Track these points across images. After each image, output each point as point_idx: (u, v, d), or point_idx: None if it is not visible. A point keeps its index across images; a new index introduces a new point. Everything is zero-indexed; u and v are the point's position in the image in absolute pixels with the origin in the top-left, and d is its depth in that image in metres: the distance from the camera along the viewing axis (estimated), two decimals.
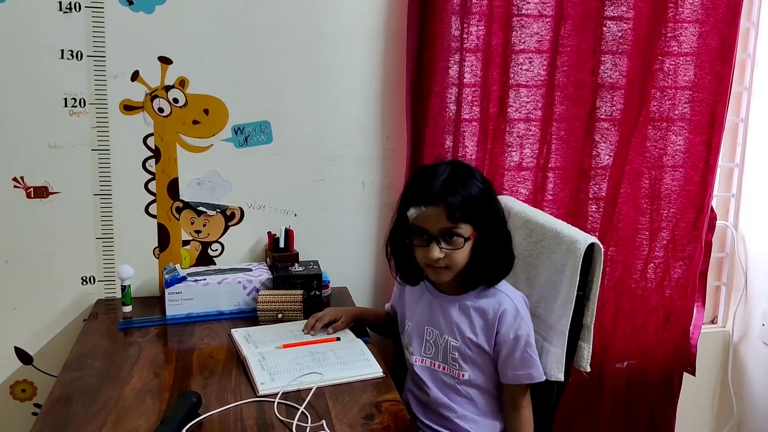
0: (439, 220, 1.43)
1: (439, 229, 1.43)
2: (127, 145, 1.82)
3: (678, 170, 2.10)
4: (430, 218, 1.43)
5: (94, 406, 1.30)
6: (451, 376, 1.53)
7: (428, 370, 1.55)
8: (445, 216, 1.42)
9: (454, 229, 1.43)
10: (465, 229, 1.43)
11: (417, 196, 1.46)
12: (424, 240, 1.45)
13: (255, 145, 1.89)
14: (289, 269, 1.82)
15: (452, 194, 1.43)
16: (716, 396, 2.41)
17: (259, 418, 1.27)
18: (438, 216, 1.42)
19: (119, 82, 1.79)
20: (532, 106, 1.99)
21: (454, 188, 1.44)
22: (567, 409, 2.05)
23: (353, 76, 1.92)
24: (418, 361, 1.56)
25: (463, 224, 1.43)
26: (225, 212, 1.92)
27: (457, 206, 1.42)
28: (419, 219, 1.45)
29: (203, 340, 1.63)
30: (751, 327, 2.28)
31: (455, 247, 1.44)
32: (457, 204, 1.42)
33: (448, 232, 1.43)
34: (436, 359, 1.55)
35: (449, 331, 1.52)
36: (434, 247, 1.43)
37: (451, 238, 1.44)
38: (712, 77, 2.04)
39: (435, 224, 1.43)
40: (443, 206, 1.42)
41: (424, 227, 1.44)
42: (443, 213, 1.42)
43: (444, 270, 1.47)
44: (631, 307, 2.15)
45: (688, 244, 2.14)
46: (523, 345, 1.48)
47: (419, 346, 1.57)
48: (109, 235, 1.85)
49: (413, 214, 1.45)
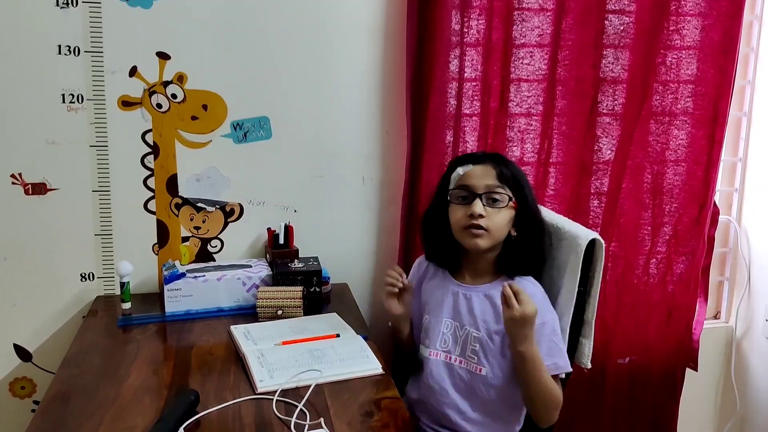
0: (486, 177, 1.48)
1: (485, 185, 1.47)
2: (125, 141, 1.81)
3: (680, 165, 2.09)
4: (478, 175, 1.49)
5: (91, 404, 1.29)
6: (468, 370, 1.50)
7: (444, 364, 1.53)
8: (493, 174, 1.48)
9: (499, 189, 1.47)
10: (509, 193, 1.48)
11: (467, 158, 1.53)
12: (466, 201, 1.48)
13: (254, 140, 1.88)
14: (288, 266, 1.81)
15: (500, 162, 1.51)
16: (719, 391, 2.40)
17: (257, 415, 1.26)
18: (486, 173, 1.48)
19: (117, 78, 1.78)
20: (533, 100, 1.97)
21: (500, 158, 1.53)
22: (569, 406, 2.02)
23: (353, 71, 1.91)
24: (433, 355, 1.54)
25: (507, 188, 1.48)
26: (224, 208, 1.91)
27: (506, 171, 1.49)
28: (467, 177, 1.49)
29: (202, 337, 1.62)
30: (754, 322, 2.27)
31: (497, 207, 1.47)
32: (507, 169, 1.49)
33: (493, 191, 1.47)
34: (453, 353, 1.53)
35: (471, 322, 1.51)
36: (477, 202, 1.46)
37: (494, 200, 1.47)
38: (715, 71, 2.02)
39: (482, 180, 1.48)
40: (491, 165, 1.49)
41: (469, 184, 1.48)
42: (492, 171, 1.48)
43: (482, 233, 1.47)
44: (633, 302, 2.14)
45: (690, 239, 2.12)
46: (549, 332, 1.46)
47: (435, 339, 1.54)
48: (108, 232, 1.85)
49: (461, 172, 1.51)
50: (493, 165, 1.50)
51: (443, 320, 1.54)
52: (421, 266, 1.68)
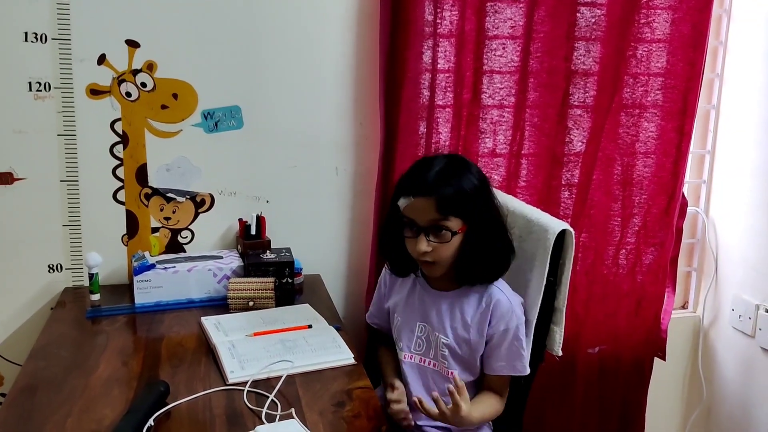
0: (427, 211, 1.41)
1: (427, 220, 1.41)
2: (93, 130, 1.79)
3: (650, 157, 2.11)
4: (419, 209, 1.42)
5: (59, 396, 1.28)
6: (440, 373, 1.52)
7: (417, 366, 1.54)
8: (434, 208, 1.40)
9: (442, 221, 1.41)
10: (454, 222, 1.42)
11: (408, 186, 1.45)
12: (413, 232, 1.44)
13: (225, 130, 1.87)
14: (260, 256, 1.80)
15: (444, 186, 1.41)
16: (686, 381, 2.44)
17: (228, 406, 1.25)
18: (427, 207, 1.41)
19: (85, 66, 1.75)
20: (505, 92, 1.98)
21: (446, 180, 1.42)
22: (540, 395, 2.05)
23: (326, 60, 1.90)
24: (407, 358, 1.55)
25: (452, 217, 1.41)
26: (195, 199, 1.89)
27: (447, 198, 1.40)
28: (409, 210, 1.43)
29: (173, 329, 1.61)
30: (721, 312, 2.31)
31: (442, 241, 1.42)
32: (448, 196, 1.40)
33: (436, 224, 1.41)
34: (426, 356, 1.54)
35: (440, 327, 1.51)
36: (422, 239, 1.42)
37: (439, 231, 1.42)
38: (685, 64, 2.04)
39: (424, 216, 1.41)
40: (433, 198, 1.40)
41: (413, 218, 1.43)
42: (433, 204, 1.40)
43: (431, 264, 1.46)
44: (603, 293, 2.16)
45: (659, 230, 2.15)
46: (511, 338, 1.48)
47: (409, 342, 1.56)
48: (77, 222, 1.82)
49: (403, 204, 1.44)
50: (433, 197, 1.40)
51: (417, 324, 1.55)
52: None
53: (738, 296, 2.22)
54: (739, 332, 2.22)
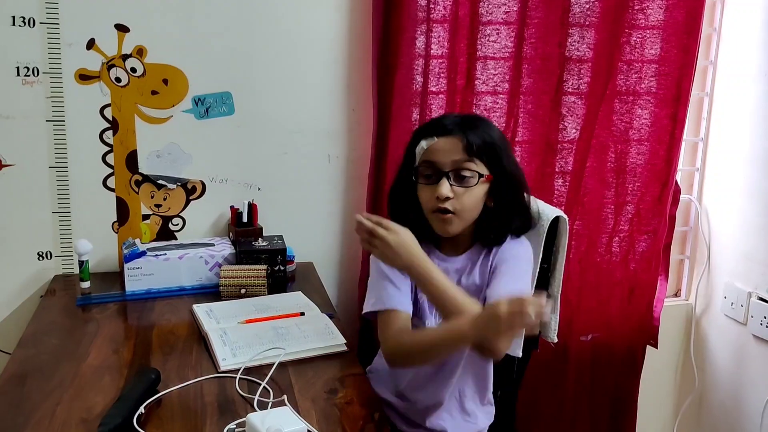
0: (452, 151, 1.30)
1: (451, 161, 1.30)
2: (83, 116, 1.77)
3: (644, 144, 2.11)
4: (443, 150, 1.30)
5: (49, 384, 1.26)
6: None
7: None
8: (460, 147, 1.29)
9: (468, 163, 1.30)
10: (480, 166, 1.31)
11: (430, 128, 1.33)
12: (432, 179, 1.32)
13: (216, 116, 1.85)
14: (252, 244, 1.78)
15: (470, 128, 1.31)
16: (679, 368, 2.45)
17: (220, 394, 1.24)
18: (452, 147, 1.30)
19: (74, 51, 1.73)
20: (499, 78, 1.97)
21: (472, 124, 1.33)
22: (533, 383, 2.05)
23: (318, 46, 1.88)
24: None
25: (478, 162, 1.31)
26: (186, 186, 1.88)
27: (474, 140, 1.29)
28: (430, 152, 1.32)
29: (164, 316, 1.59)
30: (713, 300, 2.31)
31: (467, 186, 1.31)
32: (474, 138, 1.30)
33: (461, 167, 1.30)
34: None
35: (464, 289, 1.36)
36: (444, 183, 1.30)
37: (463, 177, 1.31)
38: (678, 51, 2.04)
39: (447, 156, 1.30)
40: (459, 136, 1.30)
41: (435, 160, 1.31)
42: (458, 143, 1.30)
43: (451, 218, 1.33)
44: (596, 280, 2.16)
45: (652, 217, 2.15)
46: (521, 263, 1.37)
47: (431, 314, 1.42)
48: (66, 209, 1.80)
49: (424, 146, 1.32)
50: (460, 136, 1.30)
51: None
52: None
53: (730, 284, 2.22)
54: (732, 320, 2.22)
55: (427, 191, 1.34)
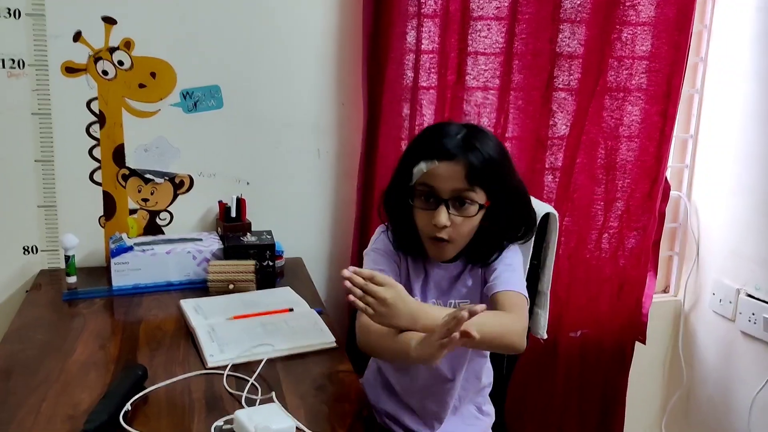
0: (453, 179, 1.26)
1: (451, 190, 1.27)
2: (69, 109, 1.75)
3: (634, 140, 2.11)
4: (443, 176, 1.27)
5: (34, 380, 1.25)
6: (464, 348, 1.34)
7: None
8: (462, 175, 1.26)
9: (467, 192, 1.27)
10: (479, 195, 1.29)
11: (429, 149, 1.28)
12: (430, 203, 1.29)
13: (205, 110, 1.83)
14: (240, 239, 1.77)
15: (472, 151, 1.27)
16: (667, 364, 2.45)
17: (207, 390, 1.23)
18: (453, 175, 1.26)
19: (60, 43, 1.71)
20: (489, 74, 1.96)
21: (473, 145, 1.28)
22: (522, 379, 2.06)
23: (308, 40, 1.87)
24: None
25: (479, 189, 1.28)
26: (174, 180, 1.86)
27: (476, 166, 1.26)
28: (429, 176, 1.28)
29: (151, 312, 1.58)
30: (702, 296, 2.32)
31: (465, 215, 1.28)
32: (477, 163, 1.26)
33: (460, 196, 1.28)
34: None
35: (457, 293, 1.39)
36: (442, 211, 1.27)
37: (462, 204, 1.28)
38: (669, 47, 2.03)
39: (447, 184, 1.27)
40: (462, 164, 1.26)
41: (434, 186, 1.28)
42: (460, 171, 1.26)
43: (446, 245, 1.31)
44: (586, 277, 2.16)
45: (642, 214, 2.15)
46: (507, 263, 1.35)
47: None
48: (52, 203, 1.78)
49: (423, 168, 1.28)
50: (462, 162, 1.26)
51: (429, 301, 1.41)
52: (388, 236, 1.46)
53: (719, 280, 2.23)
54: (720, 316, 2.23)
55: (423, 216, 1.31)
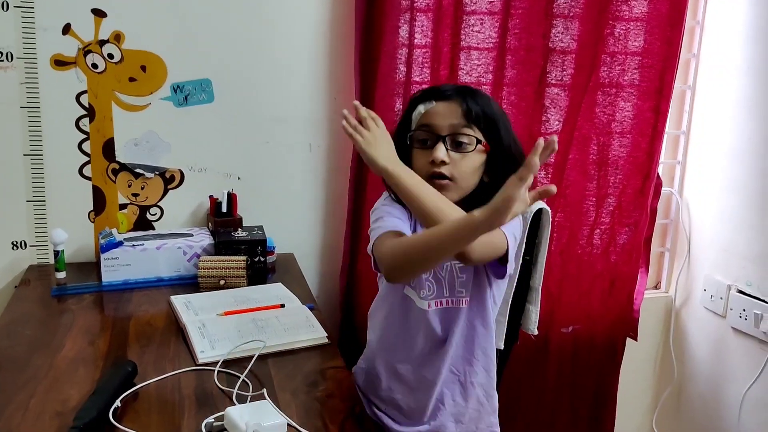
0: (451, 115, 1.28)
1: (449, 125, 1.28)
2: (58, 102, 1.73)
3: (626, 136, 2.11)
4: (441, 114, 1.29)
5: (23, 376, 1.24)
6: (457, 308, 1.36)
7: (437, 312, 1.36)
8: (459, 112, 1.28)
9: (465, 128, 1.28)
10: (477, 134, 1.28)
11: (427, 94, 1.32)
12: (429, 143, 1.30)
13: (195, 104, 1.82)
14: (232, 234, 1.76)
15: (470, 96, 1.29)
16: (658, 360, 2.46)
17: (198, 387, 1.22)
18: (451, 111, 1.28)
19: (49, 36, 1.69)
20: (482, 69, 1.95)
21: (471, 93, 1.31)
22: (514, 374, 2.06)
23: (300, 33, 1.86)
24: (430, 306, 1.35)
25: (477, 129, 1.28)
26: (164, 175, 1.84)
27: (473, 107, 1.28)
28: (427, 116, 1.30)
29: (141, 307, 1.57)
30: (693, 292, 2.32)
31: (464, 151, 1.28)
32: (473, 104, 1.28)
33: (458, 132, 1.28)
34: (440, 296, 1.36)
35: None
36: (440, 147, 1.27)
37: (460, 144, 1.28)
38: (662, 43, 2.03)
39: (445, 120, 1.28)
40: (458, 101, 1.28)
41: (432, 123, 1.29)
42: (458, 108, 1.28)
43: (447, 184, 1.28)
44: (577, 272, 2.16)
45: (634, 210, 2.15)
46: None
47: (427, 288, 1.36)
48: (41, 198, 1.77)
49: (422, 110, 1.31)
50: (459, 101, 1.29)
51: None
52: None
53: (710, 276, 2.23)
54: (711, 312, 2.24)
55: (422, 156, 1.31)
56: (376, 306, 1.48)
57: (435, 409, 1.41)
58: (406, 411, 1.41)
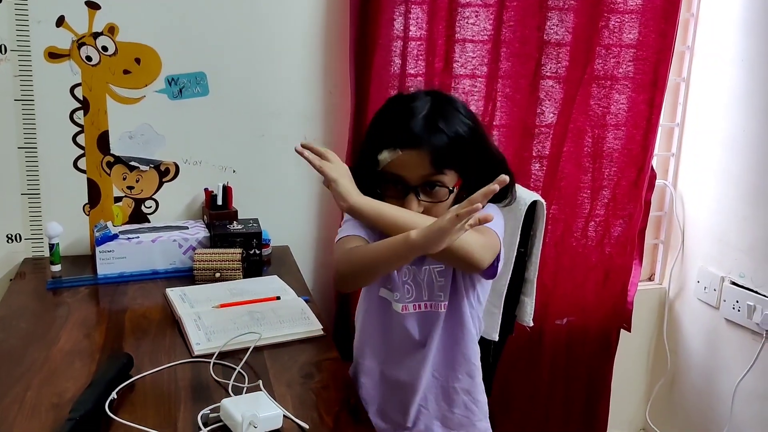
0: (419, 166, 1.22)
1: (419, 177, 1.23)
2: (53, 95, 1.73)
3: (620, 129, 2.11)
4: (409, 164, 1.22)
5: (18, 369, 1.24)
6: (436, 312, 1.34)
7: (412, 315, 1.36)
8: (428, 162, 1.21)
9: (437, 177, 1.23)
10: (450, 177, 1.24)
11: (392, 136, 1.23)
12: (399, 190, 1.25)
13: (190, 97, 1.81)
14: (227, 227, 1.76)
15: (436, 133, 1.21)
16: (652, 351, 2.47)
17: (194, 378, 1.23)
18: (419, 162, 1.21)
19: (43, 28, 1.68)
20: (477, 61, 1.95)
21: (437, 126, 1.22)
22: (508, 366, 2.07)
23: (294, 26, 1.85)
24: (404, 309, 1.35)
25: (448, 171, 1.23)
26: (159, 168, 1.84)
27: (442, 149, 1.21)
28: (394, 165, 1.23)
29: (136, 300, 1.57)
30: (686, 284, 2.33)
31: (437, 200, 1.24)
32: (443, 147, 1.21)
33: (429, 181, 1.23)
34: (419, 300, 1.35)
35: (429, 260, 1.32)
36: (412, 199, 1.23)
37: (432, 189, 1.24)
38: (656, 35, 2.04)
39: (414, 171, 1.22)
40: (426, 150, 1.21)
41: (400, 175, 1.23)
42: (426, 158, 1.21)
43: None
44: (572, 264, 2.17)
45: (628, 202, 2.16)
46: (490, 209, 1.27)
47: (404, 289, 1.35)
48: (36, 191, 1.76)
49: (387, 158, 1.23)
50: (427, 148, 1.21)
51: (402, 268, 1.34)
52: None
53: (703, 268, 2.24)
54: (704, 304, 2.25)
55: (393, 202, 1.26)
56: (359, 305, 1.48)
57: (417, 413, 1.39)
58: (389, 414, 1.40)
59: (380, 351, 1.42)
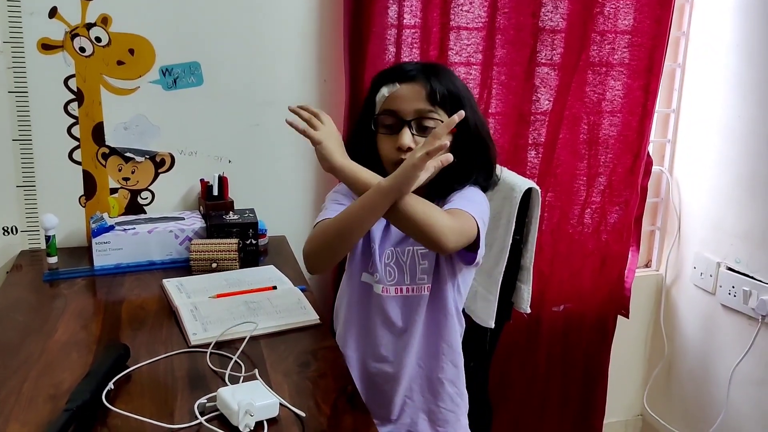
0: (415, 99, 1.27)
1: (414, 110, 1.27)
2: (46, 87, 1.72)
3: (616, 115, 2.11)
4: (405, 97, 1.28)
5: (15, 360, 1.24)
6: (418, 296, 1.36)
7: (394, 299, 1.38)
8: (423, 95, 1.27)
9: (431, 113, 1.27)
10: (444, 117, 1.28)
11: (392, 74, 1.30)
12: (394, 125, 1.29)
13: (184, 87, 1.81)
14: (223, 217, 1.76)
15: (433, 76, 1.29)
16: (649, 337, 2.48)
17: (191, 368, 1.23)
18: (415, 95, 1.27)
19: (36, 19, 1.68)
20: (472, 49, 1.95)
21: (435, 73, 1.30)
22: (505, 353, 2.08)
23: (288, 14, 1.85)
24: (385, 291, 1.37)
25: (441, 111, 1.28)
26: (154, 158, 1.84)
27: (437, 89, 1.27)
28: (391, 100, 1.29)
29: (133, 291, 1.57)
30: (683, 270, 2.34)
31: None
32: (438, 87, 1.27)
33: (424, 116, 1.27)
34: (401, 283, 1.37)
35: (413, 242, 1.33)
36: (406, 132, 1.27)
37: (426, 127, 1.27)
38: (652, 21, 2.03)
39: (410, 104, 1.27)
40: (422, 83, 1.27)
41: (396, 109, 1.28)
42: (422, 91, 1.27)
43: None
44: (568, 251, 2.17)
45: (624, 189, 2.16)
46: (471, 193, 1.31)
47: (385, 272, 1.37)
48: (31, 183, 1.76)
49: (385, 93, 1.29)
50: (423, 82, 1.28)
51: (386, 250, 1.37)
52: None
53: (700, 254, 2.25)
54: (701, 290, 2.25)
55: (387, 142, 1.30)
56: (339, 295, 1.48)
57: (403, 405, 1.40)
58: (373, 406, 1.37)
59: (362, 340, 1.43)
